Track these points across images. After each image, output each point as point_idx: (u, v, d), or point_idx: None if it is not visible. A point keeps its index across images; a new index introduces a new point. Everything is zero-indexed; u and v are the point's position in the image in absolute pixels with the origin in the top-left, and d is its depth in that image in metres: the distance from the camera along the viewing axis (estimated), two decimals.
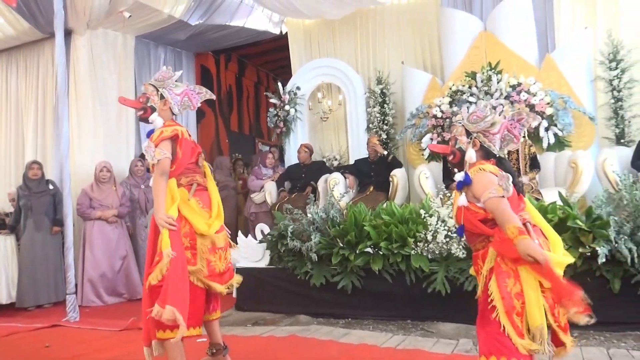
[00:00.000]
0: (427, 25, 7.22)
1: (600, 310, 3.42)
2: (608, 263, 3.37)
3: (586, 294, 3.47)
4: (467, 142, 2.33)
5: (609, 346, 3.14)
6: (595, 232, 3.42)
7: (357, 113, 7.26)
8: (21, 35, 7.11)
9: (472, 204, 2.25)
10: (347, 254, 4.23)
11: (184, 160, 2.92)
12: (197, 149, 3.03)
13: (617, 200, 3.59)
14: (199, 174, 3.01)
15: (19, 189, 5.96)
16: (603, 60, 5.91)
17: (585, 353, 3.01)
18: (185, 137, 2.94)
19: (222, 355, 3.08)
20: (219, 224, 2.94)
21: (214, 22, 7.77)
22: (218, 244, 2.94)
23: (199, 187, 2.97)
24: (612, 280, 3.37)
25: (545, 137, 5.57)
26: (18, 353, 3.81)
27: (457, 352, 3.17)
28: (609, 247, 3.36)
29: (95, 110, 6.85)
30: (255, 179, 7.38)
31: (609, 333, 3.35)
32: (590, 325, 3.40)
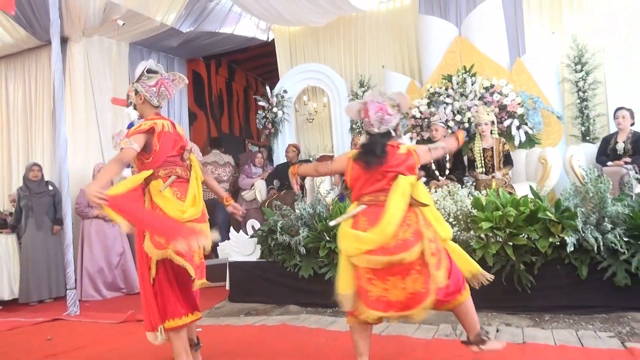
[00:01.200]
0: (405, 31, 7.26)
1: (570, 295, 3.52)
2: (576, 251, 3.42)
3: (557, 280, 3.56)
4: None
5: (578, 328, 3.19)
6: (564, 223, 3.46)
7: (341, 114, 7.27)
8: (19, 43, 7.01)
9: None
10: (333, 247, 4.23)
11: (163, 153, 2.79)
12: (181, 142, 2.89)
13: (584, 193, 3.64)
14: (180, 166, 2.87)
15: (19, 190, 5.89)
16: (569, 63, 6.00)
17: (556, 335, 3.05)
18: (167, 131, 2.82)
19: (194, 351, 2.94)
20: (195, 212, 2.76)
21: (204, 29, 7.74)
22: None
23: (178, 179, 2.83)
24: (580, 267, 3.41)
25: (516, 135, 5.64)
26: (21, 346, 3.76)
27: (437, 336, 3.19)
28: (577, 237, 3.41)
29: (91, 114, 6.77)
30: (246, 178, 7.36)
31: (577, 316, 3.40)
32: (560, 309, 3.50)
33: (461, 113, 5.84)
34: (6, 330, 4.41)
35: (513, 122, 5.63)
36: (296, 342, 3.29)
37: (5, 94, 7.54)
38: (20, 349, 3.68)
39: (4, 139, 7.48)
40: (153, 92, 2.87)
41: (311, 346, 3.19)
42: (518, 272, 3.52)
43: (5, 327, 4.52)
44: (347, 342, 3.22)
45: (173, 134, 2.86)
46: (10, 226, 5.94)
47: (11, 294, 5.60)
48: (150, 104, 2.87)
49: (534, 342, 2.92)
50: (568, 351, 2.73)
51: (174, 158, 2.86)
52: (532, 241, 3.52)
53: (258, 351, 3.15)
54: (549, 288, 3.54)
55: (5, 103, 7.52)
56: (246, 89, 11.69)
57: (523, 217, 3.58)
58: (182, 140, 2.92)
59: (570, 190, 3.74)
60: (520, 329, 3.23)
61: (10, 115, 7.45)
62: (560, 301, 3.53)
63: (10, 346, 3.78)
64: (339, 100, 7.30)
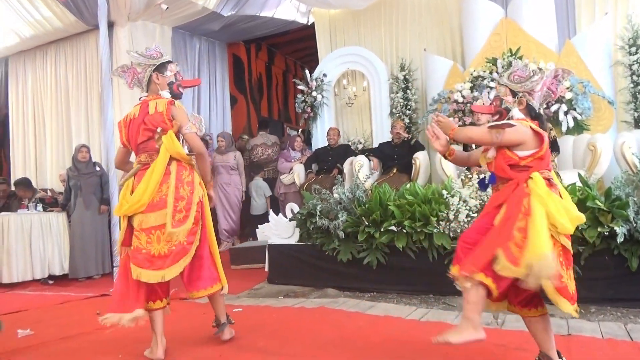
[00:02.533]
0: (448, 13, 7.05)
1: (618, 287, 3.39)
2: (626, 242, 3.28)
3: (604, 271, 3.43)
4: (513, 101, 2.35)
5: (626, 321, 3.07)
6: (614, 212, 3.32)
7: (381, 98, 7.18)
8: (68, 28, 7.21)
9: (507, 151, 2.27)
10: (372, 232, 4.22)
11: (132, 142, 2.88)
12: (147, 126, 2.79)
13: (636, 182, 3.49)
14: (146, 152, 2.83)
15: (68, 171, 6.11)
16: (623, 45, 5.69)
17: (603, 328, 2.95)
18: (131, 118, 2.85)
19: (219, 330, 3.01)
20: (134, 205, 2.70)
21: (245, 13, 7.74)
22: (147, 223, 2.73)
23: (143, 167, 2.81)
24: (630, 258, 3.28)
25: (564, 120, 5.41)
26: (72, 319, 3.94)
27: None
28: (628, 227, 3.27)
29: (136, 97, 6.90)
30: (285, 162, 7.40)
31: (625, 309, 3.28)
32: (607, 301, 3.38)
33: None
34: (58, 304, 4.62)
35: (561, 107, 5.40)
36: (336, 325, 3.30)
37: (56, 78, 7.80)
38: (71, 321, 3.85)
39: (54, 122, 7.76)
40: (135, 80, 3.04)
41: (350, 329, 3.20)
42: None
43: (57, 300, 4.74)
44: (385, 326, 3.22)
45: (138, 119, 2.83)
46: (60, 205, 6.19)
47: (62, 270, 5.87)
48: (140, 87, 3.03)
49: (579, 334, 2.84)
50: (617, 345, 2.64)
51: (145, 144, 2.83)
52: (579, 231, 3.40)
53: (298, 332, 3.18)
54: (595, 279, 3.42)
55: (55, 86, 7.79)
56: (285, 72, 11.70)
57: None
58: (151, 123, 2.78)
59: (622, 178, 3.59)
60: (565, 320, 3.14)
61: (61, 99, 7.71)
62: (608, 293, 3.40)
63: (62, 319, 3.97)
64: (378, 85, 7.20)
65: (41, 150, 7.92)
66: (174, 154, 2.78)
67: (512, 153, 2.26)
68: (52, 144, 7.77)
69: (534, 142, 2.23)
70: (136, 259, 2.71)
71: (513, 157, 2.25)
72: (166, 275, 2.71)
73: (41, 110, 7.97)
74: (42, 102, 7.97)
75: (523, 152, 2.24)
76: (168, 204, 2.71)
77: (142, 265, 2.69)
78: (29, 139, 8.09)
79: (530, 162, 2.24)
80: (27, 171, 7.89)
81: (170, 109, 2.81)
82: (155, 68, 2.96)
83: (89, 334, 3.43)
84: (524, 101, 2.33)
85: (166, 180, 2.76)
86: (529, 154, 2.24)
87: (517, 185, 2.22)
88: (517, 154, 2.25)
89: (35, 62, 8.07)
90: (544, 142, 2.22)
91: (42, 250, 5.74)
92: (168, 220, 2.69)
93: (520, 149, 2.25)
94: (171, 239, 2.71)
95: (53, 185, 7.51)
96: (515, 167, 2.26)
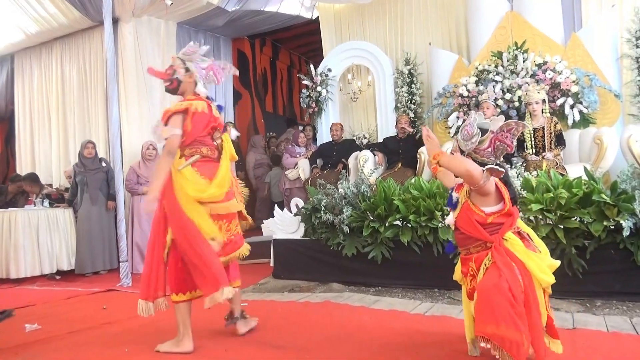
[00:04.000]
0: (453, 6, 7.01)
1: (624, 280, 3.38)
2: (632, 236, 3.27)
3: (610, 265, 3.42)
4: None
5: (632, 315, 3.07)
6: (620, 206, 3.31)
7: (386, 93, 7.16)
8: (73, 24, 7.22)
9: (472, 205, 2.22)
10: (377, 227, 4.22)
11: (194, 133, 2.87)
12: (213, 123, 2.93)
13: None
14: (206, 146, 2.92)
15: (75, 166, 6.13)
16: (630, 38, 5.63)
17: (608, 321, 2.94)
18: (201, 111, 2.87)
19: (233, 323, 3.11)
20: (217, 192, 2.83)
21: (249, 8, 7.72)
22: (216, 211, 2.85)
23: (203, 158, 2.89)
24: (636, 252, 3.26)
25: (570, 114, 5.38)
26: (79, 314, 3.97)
27: None
28: (634, 220, 3.26)
29: (142, 93, 6.93)
30: (289, 157, 7.41)
31: (631, 303, 3.27)
32: (612, 295, 3.38)
33: (511, 91, 5.63)
34: (65, 299, 4.66)
35: (567, 100, 5.37)
36: (341, 319, 3.32)
37: (61, 74, 7.81)
38: (78, 316, 3.88)
39: (60, 118, 7.79)
40: (202, 74, 2.96)
41: (355, 323, 3.21)
42: (569, 255, 3.41)
43: (64, 295, 4.78)
44: (390, 321, 3.22)
45: (207, 114, 2.91)
46: (67, 201, 6.21)
47: (69, 265, 5.90)
48: (195, 84, 2.94)
49: (584, 328, 2.84)
50: (622, 338, 2.63)
51: (202, 138, 2.92)
52: (585, 224, 3.39)
53: (303, 326, 3.20)
54: (601, 273, 3.42)
55: (61, 83, 7.81)
56: (290, 67, 11.69)
57: (576, 200, 3.45)
58: (215, 121, 2.97)
59: (628, 171, 3.57)
60: (570, 314, 3.14)
61: (66, 95, 7.73)
62: (614, 287, 3.40)
63: (69, 314, 4.00)
64: (383, 79, 7.18)
65: (46, 146, 7.96)
66: (230, 155, 3.02)
67: (478, 208, 2.20)
68: (58, 140, 7.80)
69: (497, 197, 2.20)
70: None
71: (479, 214, 2.19)
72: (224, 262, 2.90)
73: (47, 106, 8.00)
74: (47, 99, 8.00)
75: (489, 208, 2.18)
76: (235, 196, 3.01)
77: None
78: (35, 135, 8.12)
79: (498, 218, 2.19)
80: (32, 167, 7.93)
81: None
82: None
83: (96, 328, 3.47)
84: (469, 158, 2.23)
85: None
86: (496, 211, 2.18)
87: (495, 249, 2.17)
88: (483, 210, 2.19)
89: (40, 59, 8.10)
90: (504, 198, 2.19)
91: (50, 245, 5.79)
92: (243, 209, 3.04)
93: (485, 204, 2.20)
94: (232, 229, 2.97)
95: (59, 181, 7.55)
96: (485, 226, 2.20)
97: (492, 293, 2.08)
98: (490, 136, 2.19)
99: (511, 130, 2.16)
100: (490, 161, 2.19)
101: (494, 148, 2.18)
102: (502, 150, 2.20)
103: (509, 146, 2.18)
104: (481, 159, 2.19)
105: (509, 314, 2.02)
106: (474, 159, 2.21)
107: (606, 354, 2.42)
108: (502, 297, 2.05)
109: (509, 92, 5.64)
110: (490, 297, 2.07)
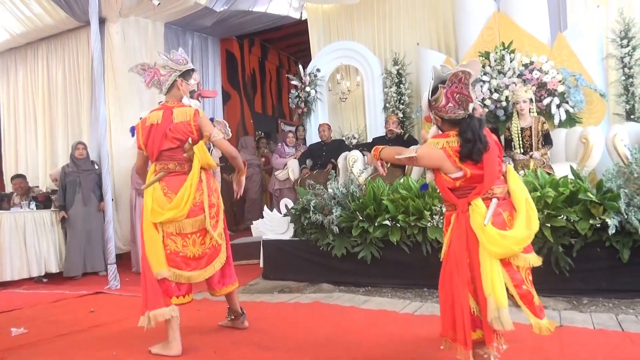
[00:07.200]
0: (441, 6, 7.06)
1: (610, 278, 3.42)
2: (618, 234, 3.30)
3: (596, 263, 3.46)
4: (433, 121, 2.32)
5: (618, 312, 3.10)
6: (605, 204, 3.35)
7: (375, 93, 7.19)
8: (59, 24, 7.16)
9: (440, 172, 2.23)
10: (366, 227, 4.23)
11: (152, 147, 2.90)
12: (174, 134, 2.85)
13: (628, 174, 3.50)
14: (174, 161, 2.89)
15: (65, 167, 6.04)
16: (614, 38, 5.72)
17: (594, 318, 2.98)
18: (153, 124, 2.87)
19: (240, 321, 3.21)
20: (177, 214, 2.80)
21: (237, 8, 7.72)
22: (184, 229, 2.85)
23: (170, 174, 2.88)
24: (622, 250, 3.30)
25: (556, 114, 5.44)
26: (66, 317, 3.93)
27: None
28: (619, 219, 3.29)
29: (129, 93, 6.88)
30: (279, 157, 7.41)
31: (617, 300, 3.31)
32: (599, 293, 3.41)
33: (498, 91, 5.68)
34: (52, 302, 4.61)
35: (553, 100, 5.43)
36: (330, 320, 3.32)
37: (47, 75, 7.74)
38: (65, 319, 3.84)
39: (46, 119, 7.71)
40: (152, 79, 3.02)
41: (345, 323, 3.21)
42: (556, 254, 3.44)
43: (51, 298, 4.73)
44: (380, 321, 3.24)
45: (161, 126, 2.86)
46: (59, 206, 5.98)
47: (57, 267, 5.84)
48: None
49: (571, 325, 2.87)
50: (608, 335, 2.66)
51: (172, 152, 2.88)
52: (572, 223, 3.42)
53: (293, 327, 3.20)
54: (588, 271, 3.45)
55: (47, 84, 7.73)
56: (279, 68, 11.67)
57: (562, 199, 3.48)
58: (179, 132, 2.86)
59: (613, 170, 3.60)
60: (557, 312, 3.17)
61: (52, 96, 7.66)
62: (600, 284, 3.43)
63: (56, 317, 3.96)
64: (372, 79, 7.20)
65: (32, 148, 7.88)
66: (205, 165, 2.92)
67: (446, 175, 2.19)
68: (44, 141, 7.72)
69: (451, 165, 2.15)
70: (174, 262, 2.84)
71: (447, 179, 2.19)
72: (203, 275, 2.91)
73: (32, 107, 7.92)
74: (33, 100, 7.92)
75: (454, 175, 2.16)
76: (205, 211, 2.89)
77: (180, 267, 2.85)
78: (20, 136, 8.04)
79: (466, 183, 2.15)
80: (17, 169, 7.84)
81: (198, 119, 2.91)
82: (180, 74, 3.01)
83: (83, 331, 3.43)
84: (438, 119, 2.24)
85: (199, 189, 2.90)
86: (460, 176, 2.15)
87: (458, 214, 2.18)
88: (449, 176, 2.18)
89: (26, 60, 8.01)
90: (459, 165, 2.13)
91: (38, 248, 5.72)
92: (208, 226, 2.88)
93: (449, 172, 2.17)
94: (206, 242, 2.92)
95: (45, 183, 7.47)
96: (455, 190, 2.20)
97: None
98: (443, 92, 2.15)
99: (461, 80, 2.10)
100: (459, 115, 2.15)
101: (455, 102, 2.13)
102: (465, 101, 2.13)
103: (467, 96, 2.12)
104: (448, 116, 2.18)
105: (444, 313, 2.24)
106: (443, 119, 2.21)
107: (592, 350, 2.44)
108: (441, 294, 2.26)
109: (496, 92, 5.68)
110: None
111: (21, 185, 6.32)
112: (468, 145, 2.11)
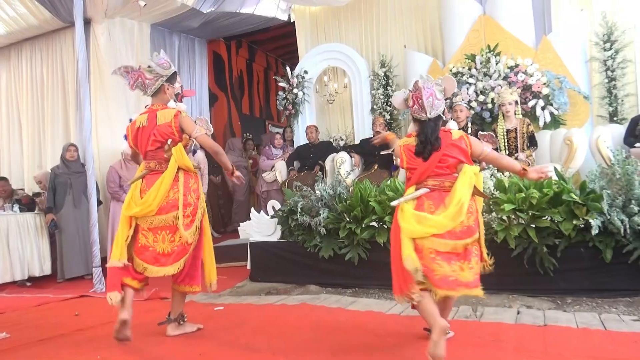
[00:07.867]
0: (428, 9, 7.11)
1: (593, 278, 3.47)
2: (601, 234, 3.35)
3: (580, 263, 3.50)
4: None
5: (601, 311, 3.15)
6: (589, 205, 3.40)
7: (362, 95, 7.22)
8: (43, 25, 7.07)
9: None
10: (353, 228, 4.24)
11: (141, 148, 3.07)
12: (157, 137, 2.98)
13: (610, 175, 3.55)
14: (155, 160, 3.03)
15: (55, 169, 5.94)
16: (598, 42, 5.81)
17: (578, 318, 3.01)
18: (141, 127, 3.03)
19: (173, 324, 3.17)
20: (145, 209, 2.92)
21: (224, 9, 7.69)
22: (155, 225, 2.95)
23: (151, 172, 3.03)
24: (605, 250, 3.35)
25: (541, 116, 5.51)
26: (50, 321, 3.88)
27: (457, 317, 3.19)
28: (602, 219, 3.34)
29: (115, 95, 6.82)
30: (266, 159, 7.40)
31: (600, 299, 3.35)
32: (582, 292, 3.46)
33: (484, 93, 5.73)
34: (36, 305, 4.55)
35: (538, 102, 5.50)
36: (317, 321, 3.32)
37: (32, 76, 7.64)
38: (49, 323, 3.79)
39: (29, 121, 7.61)
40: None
41: (331, 325, 3.21)
42: (540, 254, 3.48)
43: (34, 302, 4.66)
44: (366, 321, 3.24)
45: (148, 128, 3.01)
46: (47, 208, 5.88)
47: (41, 271, 5.76)
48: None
49: (555, 325, 2.90)
50: (591, 334, 2.70)
51: (154, 152, 3.03)
52: (556, 223, 3.47)
53: (280, 329, 3.19)
54: (571, 271, 3.50)
55: (31, 85, 7.63)
56: (266, 70, 11.67)
57: (547, 199, 3.52)
58: (160, 134, 2.99)
59: (596, 172, 3.65)
60: (542, 312, 3.20)
61: (37, 97, 7.56)
62: (583, 284, 3.48)
63: (40, 321, 3.91)
64: (359, 81, 7.23)
65: (16, 150, 7.77)
66: (182, 166, 3.01)
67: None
68: (28, 143, 7.62)
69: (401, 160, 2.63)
70: (143, 256, 2.96)
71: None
72: (168, 272, 2.97)
73: (16, 109, 7.81)
74: (17, 101, 7.81)
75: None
76: (179, 209, 2.96)
77: (148, 261, 2.95)
78: (4, 138, 7.92)
79: (410, 174, 2.61)
80: (1, 172, 7.72)
81: (178, 120, 3.01)
82: (167, 79, 3.10)
83: (67, 335, 3.39)
84: (411, 117, 2.67)
85: (174, 187, 2.99)
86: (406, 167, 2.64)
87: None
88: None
89: (9, 60, 7.90)
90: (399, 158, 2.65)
91: (21, 251, 5.63)
92: (180, 224, 2.95)
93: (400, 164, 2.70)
94: (176, 239, 2.97)
95: (30, 185, 7.37)
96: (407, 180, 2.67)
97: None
98: (410, 95, 2.62)
99: (417, 88, 2.56)
100: (422, 116, 2.54)
101: (418, 105, 2.55)
102: (423, 106, 2.53)
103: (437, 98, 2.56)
104: (414, 116, 2.60)
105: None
106: (414, 118, 2.62)
107: (575, 349, 2.47)
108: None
109: (482, 94, 5.74)
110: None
111: (4, 188, 6.23)
112: (420, 146, 2.53)
